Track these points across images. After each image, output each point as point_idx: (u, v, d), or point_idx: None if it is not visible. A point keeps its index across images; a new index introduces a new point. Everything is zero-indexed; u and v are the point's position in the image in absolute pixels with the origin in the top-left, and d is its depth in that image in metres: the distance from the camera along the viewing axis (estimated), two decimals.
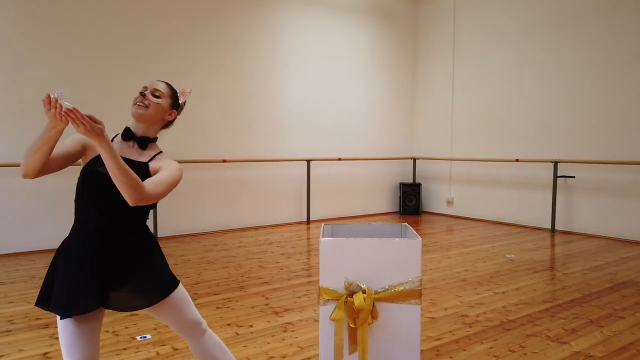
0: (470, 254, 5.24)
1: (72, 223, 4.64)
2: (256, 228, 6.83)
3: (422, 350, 2.78)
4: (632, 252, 5.37)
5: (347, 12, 7.73)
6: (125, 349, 2.79)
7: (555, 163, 6.46)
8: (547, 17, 6.71)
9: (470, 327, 3.14)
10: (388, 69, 8.32)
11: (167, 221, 6.10)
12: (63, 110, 1.45)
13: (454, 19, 7.96)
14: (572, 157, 6.47)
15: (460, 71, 7.91)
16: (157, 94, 1.81)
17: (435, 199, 8.43)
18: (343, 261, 1.93)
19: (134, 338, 2.94)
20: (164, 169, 1.73)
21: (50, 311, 1.65)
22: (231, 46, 6.59)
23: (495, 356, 2.71)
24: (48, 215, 5.36)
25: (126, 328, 3.10)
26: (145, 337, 2.95)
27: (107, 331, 3.04)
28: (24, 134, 5.19)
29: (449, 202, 8.17)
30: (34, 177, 1.61)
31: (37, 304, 1.70)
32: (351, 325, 1.91)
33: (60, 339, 1.63)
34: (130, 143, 1.80)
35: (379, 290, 1.92)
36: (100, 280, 1.64)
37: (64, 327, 1.61)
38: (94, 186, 1.69)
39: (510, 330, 3.08)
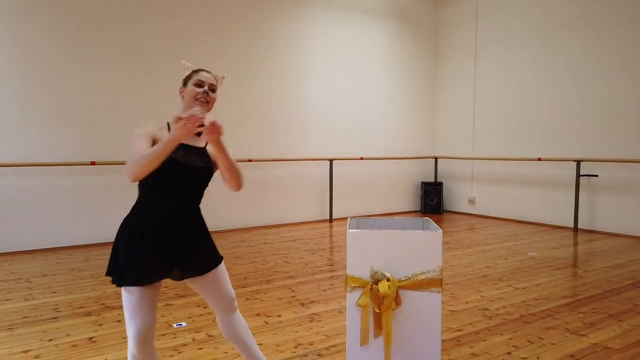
0: (492, 252, 5.32)
1: (107, 219, 5.02)
2: (280, 225, 7.01)
3: (443, 340, 2.90)
4: None
5: (368, 14, 7.86)
6: (163, 335, 2.99)
7: (578, 162, 6.46)
8: (570, 16, 6.72)
9: (491, 319, 3.25)
10: (409, 69, 8.41)
11: None
12: (206, 125, 1.74)
13: (476, 18, 8.01)
14: (595, 156, 6.47)
15: (481, 70, 7.96)
16: (213, 88, 2.01)
17: (457, 198, 8.49)
18: (369, 251, 2.08)
19: (171, 325, 3.13)
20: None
21: (117, 284, 1.82)
22: (255, 49, 6.79)
23: (514, 346, 2.81)
24: (84, 213, 5.64)
25: (163, 316, 3.30)
26: (181, 324, 3.15)
27: None
28: (62, 136, 5.47)
29: (471, 201, 8.22)
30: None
31: (107, 274, 1.90)
32: (376, 311, 2.05)
33: (124, 306, 1.83)
34: None
35: (402, 279, 2.06)
36: (169, 255, 1.88)
37: (129, 295, 1.82)
38: (170, 173, 1.87)
39: (530, 323, 3.18)
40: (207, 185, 2.02)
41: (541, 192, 7.19)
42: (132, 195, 5.90)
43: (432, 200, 8.30)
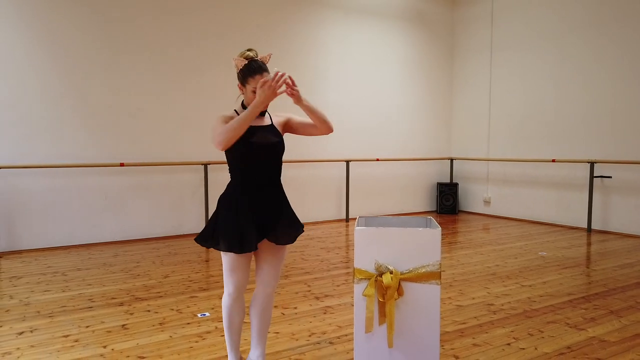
0: (503, 251, 5.47)
1: (135, 218, 5.46)
2: None
3: (447, 332, 3.10)
4: None
5: (385, 17, 8.05)
6: (188, 323, 3.26)
7: (592, 163, 6.55)
8: (584, 20, 6.80)
9: (495, 314, 3.43)
10: (426, 72, 8.57)
11: None
12: (285, 79, 2.09)
13: (491, 22, 8.12)
14: (609, 157, 6.54)
15: (496, 73, 8.07)
16: None
17: (473, 198, 8.61)
18: (374, 246, 2.30)
19: (195, 315, 3.40)
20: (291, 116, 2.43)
21: (216, 248, 2.19)
22: (274, 51, 7.04)
23: (514, 338, 3.00)
24: (114, 211, 5.98)
25: (188, 307, 3.57)
26: (204, 314, 3.42)
27: (172, 309, 3.53)
28: (92, 138, 5.82)
29: (486, 202, 8.34)
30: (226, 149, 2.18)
31: (198, 241, 2.25)
32: (380, 300, 2.27)
33: (223, 265, 2.24)
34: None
35: (404, 272, 2.28)
36: (259, 224, 2.22)
37: (227, 258, 2.21)
38: (254, 153, 2.22)
39: (532, 318, 3.35)
40: (282, 158, 2.35)
41: (555, 193, 7.28)
42: (157, 194, 6.23)
43: (447, 200, 8.44)
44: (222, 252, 2.22)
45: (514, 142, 7.84)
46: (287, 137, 7.67)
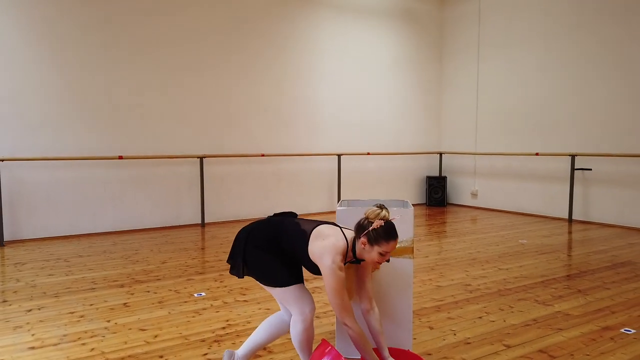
0: (486, 239, 5.73)
1: (133, 209, 5.74)
2: None
3: (424, 308, 3.35)
4: None
5: (376, 16, 8.29)
6: (186, 301, 3.50)
7: (573, 156, 6.82)
8: (568, 19, 7.07)
9: (470, 292, 3.69)
10: (416, 69, 8.82)
11: (212, 208, 6.86)
12: None
13: (479, 21, 8.38)
14: (589, 151, 6.81)
15: (484, 70, 8.33)
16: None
17: (461, 191, 8.88)
18: (353, 224, 2.54)
19: (192, 295, 3.64)
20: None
21: (276, 285, 2.20)
22: (269, 49, 7.28)
23: (486, 312, 3.25)
24: (112, 202, 6.20)
25: (185, 288, 3.81)
26: (201, 294, 3.66)
27: (171, 290, 3.77)
28: (92, 132, 6.04)
29: (474, 195, 8.61)
30: None
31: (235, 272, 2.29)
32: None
33: (290, 297, 2.21)
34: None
35: None
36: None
37: (294, 288, 2.21)
38: None
39: (505, 296, 3.61)
40: None
41: (539, 185, 7.56)
42: (155, 186, 6.46)
43: (436, 193, 8.71)
44: (283, 289, 2.21)
45: (500, 137, 8.11)
46: (283, 132, 7.84)
